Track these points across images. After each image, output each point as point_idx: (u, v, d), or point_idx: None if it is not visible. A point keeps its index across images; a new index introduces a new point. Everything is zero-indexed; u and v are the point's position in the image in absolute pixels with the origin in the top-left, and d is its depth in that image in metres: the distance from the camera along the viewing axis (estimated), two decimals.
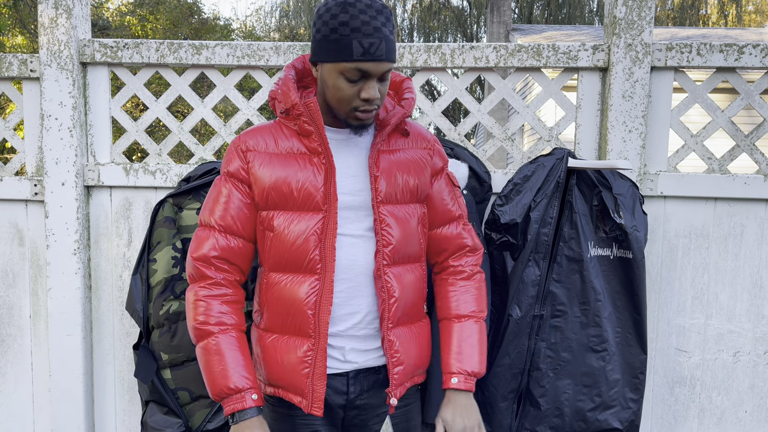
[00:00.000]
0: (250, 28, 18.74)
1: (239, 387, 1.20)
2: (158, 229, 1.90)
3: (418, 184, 1.32)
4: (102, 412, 2.22)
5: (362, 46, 1.13)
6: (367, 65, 1.14)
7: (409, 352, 1.33)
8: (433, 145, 1.37)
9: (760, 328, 2.02)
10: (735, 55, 1.97)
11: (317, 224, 1.24)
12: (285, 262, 1.27)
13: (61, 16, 2.07)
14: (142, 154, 11.35)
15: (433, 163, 1.36)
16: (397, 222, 1.28)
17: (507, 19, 11.58)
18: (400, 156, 1.30)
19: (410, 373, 1.35)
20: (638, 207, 1.82)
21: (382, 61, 1.14)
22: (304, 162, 1.25)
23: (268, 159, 1.26)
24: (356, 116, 1.20)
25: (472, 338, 1.34)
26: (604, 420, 1.80)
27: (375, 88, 1.17)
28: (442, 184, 1.38)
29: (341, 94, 1.18)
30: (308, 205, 1.24)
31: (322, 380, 1.26)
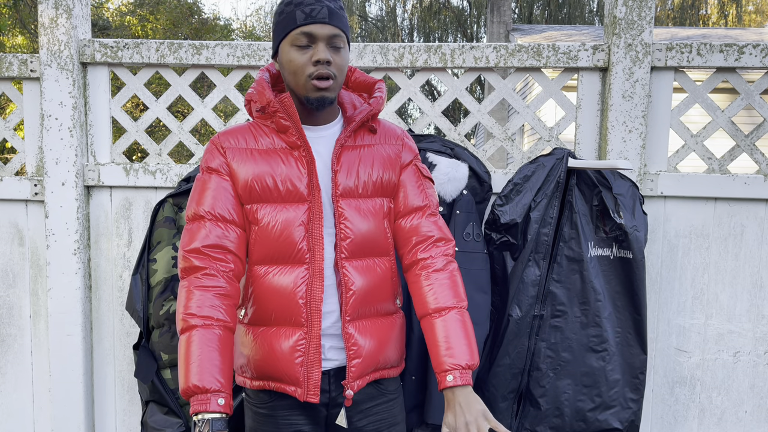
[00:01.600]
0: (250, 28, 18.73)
1: (206, 387, 1.15)
2: (158, 229, 1.90)
3: (384, 178, 1.33)
4: (102, 412, 2.22)
5: (304, 12, 1.22)
6: (311, 27, 1.21)
7: (371, 345, 1.32)
8: (403, 140, 1.39)
9: (760, 328, 2.02)
10: (735, 55, 1.97)
11: (303, 215, 1.27)
12: (272, 253, 1.28)
13: (61, 16, 2.07)
14: (142, 154, 11.35)
15: (402, 158, 1.38)
16: (358, 215, 1.30)
17: (507, 19, 11.57)
18: (365, 151, 1.33)
19: (371, 366, 1.32)
20: (638, 207, 1.82)
21: (325, 23, 1.21)
22: (286, 156, 1.28)
23: (248, 154, 1.29)
24: (313, 85, 1.22)
25: (458, 330, 1.28)
26: (604, 420, 1.80)
27: (325, 51, 1.21)
28: (408, 175, 1.38)
29: (295, 65, 1.23)
30: (293, 196, 1.27)
31: (317, 367, 1.27)
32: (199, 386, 1.15)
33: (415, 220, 1.36)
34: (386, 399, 1.38)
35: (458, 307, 1.31)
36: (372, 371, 1.34)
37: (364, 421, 1.35)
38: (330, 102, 1.26)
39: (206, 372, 1.16)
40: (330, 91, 1.24)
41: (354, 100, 1.39)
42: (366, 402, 1.35)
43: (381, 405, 1.37)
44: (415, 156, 1.40)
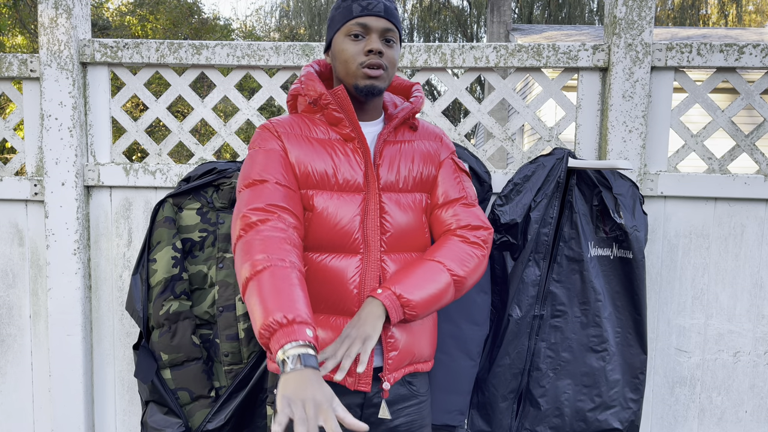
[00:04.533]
0: (250, 28, 18.74)
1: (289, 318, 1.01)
2: (158, 229, 1.90)
3: (423, 173, 1.36)
4: (102, 412, 2.22)
5: (360, 5, 1.26)
6: (366, 19, 1.25)
7: (406, 338, 1.32)
8: (441, 137, 1.43)
9: (760, 328, 2.02)
10: (735, 55, 1.97)
11: (359, 205, 1.28)
12: (327, 241, 1.27)
13: (61, 16, 2.07)
14: (142, 154, 11.35)
15: (440, 154, 1.41)
16: (398, 209, 1.31)
17: (507, 19, 11.57)
18: (406, 147, 1.35)
19: (405, 359, 1.33)
20: (638, 207, 1.82)
21: (380, 16, 1.25)
22: (342, 147, 1.30)
23: (305, 140, 1.29)
24: (364, 72, 1.25)
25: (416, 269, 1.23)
26: (604, 420, 1.80)
27: (377, 41, 1.25)
28: (446, 169, 1.40)
29: (348, 54, 1.26)
30: (350, 186, 1.28)
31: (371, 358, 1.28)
32: (278, 320, 1.01)
33: (452, 210, 1.36)
34: (418, 401, 1.39)
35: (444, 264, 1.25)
36: (407, 364, 1.34)
37: (396, 422, 1.36)
38: (379, 92, 1.28)
39: (286, 304, 1.03)
40: (380, 80, 1.26)
41: (395, 99, 1.44)
42: (399, 402, 1.36)
43: (413, 406, 1.38)
44: (452, 152, 1.42)
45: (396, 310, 1.19)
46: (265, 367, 1.87)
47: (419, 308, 1.21)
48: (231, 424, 1.87)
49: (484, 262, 1.32)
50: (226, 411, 1.87)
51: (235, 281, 1.88)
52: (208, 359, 1.94)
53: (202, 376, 1.90)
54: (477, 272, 1.31)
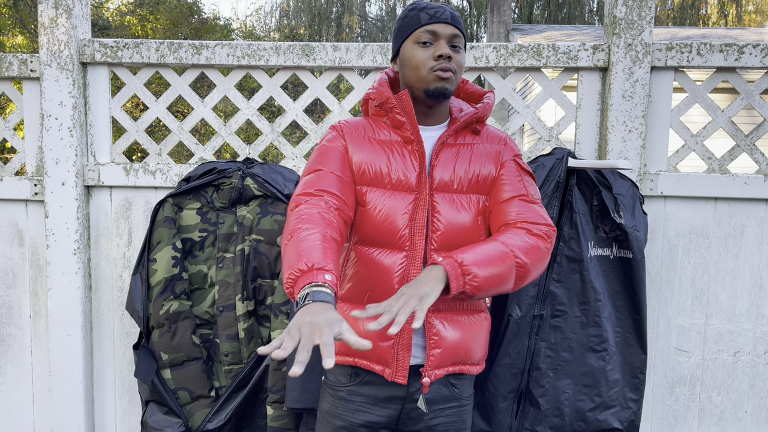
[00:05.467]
0: (250, 28, 18.74)
1: (309, 265, 1.07)
2: (158, 229, 1.90)
3: (481, 174, 1.36)
4: (102, 412, 2.22)
5: (428, 14, 1.31)
6: (435, 26, 1.30)
7: (453, 338, 1.33)
8: (505, 141, 1.42)
9: (760, 328, 2.02)
10: (735, 55, 1.97)
11: (409, 204, 1.32)
12: (374, 236, 1.33)
13: (61, 16, 2.07)
14: (142, 154, 11.35)
15: (503, 156, 1.40)
16: (451, 209, 1.32)
17: (507, 19, 11.57)
18: (465, 149, 1.37)
19: (450, 359, 1.34)
20: (638, 207, 1.82)
21: (447, 23, 1.31)
22: (401, 149, 1.35)
23: (366, 140, 1.37)
24: (436, 76, 1.29)
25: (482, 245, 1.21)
26: (604, 420, 1.80)
27: (446, 47, 1.30)
28: (508, 169, 1.38)
29: (417, 60, 1.31)
30: (402, 186, 1.32)
31: (407, 351, 1.31)
32: (300, 267, 1.08)
33: (513, 204, 1.33)
34: (459, 404, 1.39)
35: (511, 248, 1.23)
36: (451, 364, 1.35)
37: (435, 421, 1.36)
38: (448, 95, 1.32)
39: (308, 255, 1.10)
40: (449, 82, 1.31)
41: (462, 105, 1.45)
42: (440, 402, 1.37)
43: (453, 408, 1.38)
44: (516, 155, 1.41)
45: (457, 279, 1.15)
46: (265, 367, 1.87)
47: (482, 282, 1.16)
48: (231, 424, 1.87)
49: (547, 256, 1.29)
50: (226, 411, 1.87)
51: (235, 281, 1.88)
52: (208, 359, 1.94)
53: (202, 375, 1.90)
54: (540, 264, 1.27)
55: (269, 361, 1.83)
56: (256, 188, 1.90)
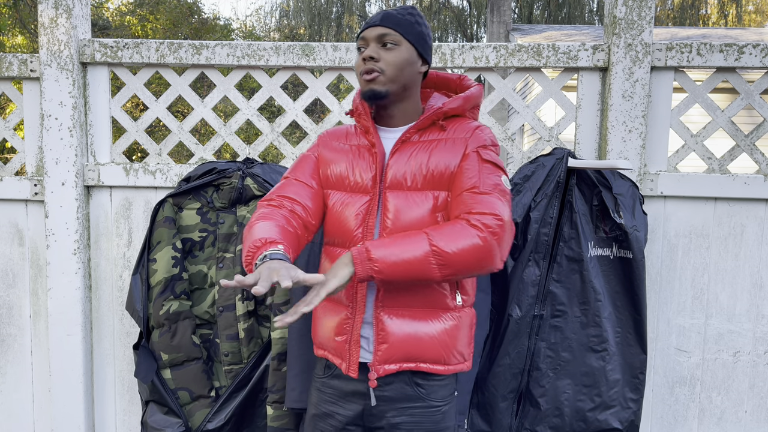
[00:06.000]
0: (250, 28, 18.74)
1: (263, 238, 1.22)
2: (158, 229, 1.90)
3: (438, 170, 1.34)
4: (102, 412, 2.22)
5: (365, 22, 1.38)
6: (364, 32, 1.37)
7: (400, 333, 1.33)
8: (473, 132, 1.37)
9: (760, 328, 2.02)
10: (735, 55, 1.97)
11: (363, 205, 1.36)
12: (335, 236, 1.40)
13: (61, 16, 2.07)
14: (142, 154, 11.35)
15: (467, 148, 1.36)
16: (403, 207, 1.33)
17: (507, 19, 11.57)
18: (424, 146, 1.37)
19: (398, 355, 1.33)
20: (638, 207, 1.82)
21: (375, 26, 1.35)
22: (363, 152, 1.40)
23: (336, 148, 1.45)
24: (363, 80, 1.35)
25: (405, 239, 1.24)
26: (604, 420, 1.80)
27: (371, 48, 1.34)
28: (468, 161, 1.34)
29: (356, 67, 1.38)
30: (359, 188, 1.38)
31: (356, 346, 1.35)
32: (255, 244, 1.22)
33: (462, 197, 1.30)
34: (427, 405, 1.36)
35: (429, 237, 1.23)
36: (403, 360, 1.34)
37: (398, 419, 1.36)
38: (380, 95, 1.34)
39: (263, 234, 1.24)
40: (377, 83, 1.34)
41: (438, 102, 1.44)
42: (403, 401, 1.36)
43: (419, 409, 1.36)
44: (482, 145, 1.35)
45: (363, 263, 1.21)
46: (265, 367, 1.87)
47: (384, 266, 1.21)
48: (231, 424, 1.87)
49: (482, 246, 1.22)
50: (226, 411, 1.87)
51: None
52: (208, 359, 1.94)
53: (202, 375, 1.90)
54: (468, 253, 1.22)
55: (269, 361, 1.83)
56: (256, 188, 1.90)
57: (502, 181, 1.32)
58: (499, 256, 1.25)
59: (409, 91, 1.39)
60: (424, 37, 1.39)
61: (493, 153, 1.36)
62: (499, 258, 1.26)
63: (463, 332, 1.39)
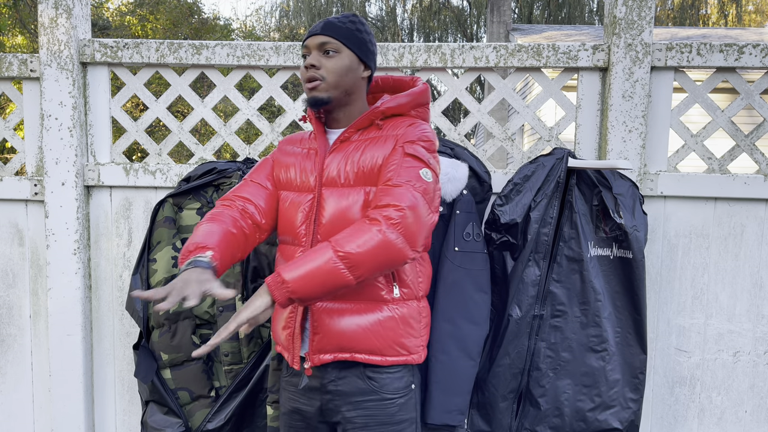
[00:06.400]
0: (250, 28, 18.74)
1: (200, 244, 1.30)
2: (158, 229, 1.90)
3: (367, 166, 1.38)
4: (102, 412, 2.22)
5: (308, 31, 1.44)
6: (307, 41, 1.43)
7: (335, 324, 1.37)
8: (405, 128, 1.40)
9: (760, 328, 2.02)
10: (735, 55, 1.97)
11: (307, 203, 1.42)
12: (285, 234, 1.46)
13: (61, 16, 2.07)
14: (142, 154, 11.35)
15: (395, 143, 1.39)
16: (335, 203, 1.39)
17: (507, 19, 11.57)
18: (358, 144, 1.42)
19: (331, 345, 1.38)
20: (638, 207, 1.82)
21: (316, 35, 1.40)
22: (311, 154, 1.48)
23: (289, 151, 1.52)
24: (306, 88, 1.41)
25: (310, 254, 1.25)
26: (604, 420, 1.80)
27: (313, 56, 1.41)
28: (391, 157, 1.37)
29: (300, 76, 1.44)
30: (304, 187, 1.44)
31: (298, 339, 1.41)
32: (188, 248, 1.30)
33: (377, 194, 1.33)
34: (380, 397, 1.40)
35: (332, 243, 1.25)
36: (337, 350, 1.39)
37: (353, 413, 1.40)
38: (322, 102, 1.40)
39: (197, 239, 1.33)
40: (319, 91, 1.40)
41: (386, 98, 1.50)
42: (356, 395, 1.40)
43: (373, 402, 1.40)
44: (409, 141, 1.37)
45: (278, 289, 1.23)
46: (265, 367, 1.87)
47: (297, 285, 1.22)
48: (231, 424, 1.87)
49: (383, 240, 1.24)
50: (226, 411, 1.87)
51: (235, 281, 1.89)
52: (208, 359, 1.94)
53: (202, 376, 1.90)
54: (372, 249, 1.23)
55: (269, 361, 1.83)
56: None
57: (420, 173, 1.33)
58: (406, 245, 1.26)
59: (353, 96, 1.45)
60: (365, 43, 1.44)
61: (419, 147, 1.37)
62: (409, 248, 1.27)
63: (403, 324, 1.41)
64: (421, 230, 1.29)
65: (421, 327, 1.46)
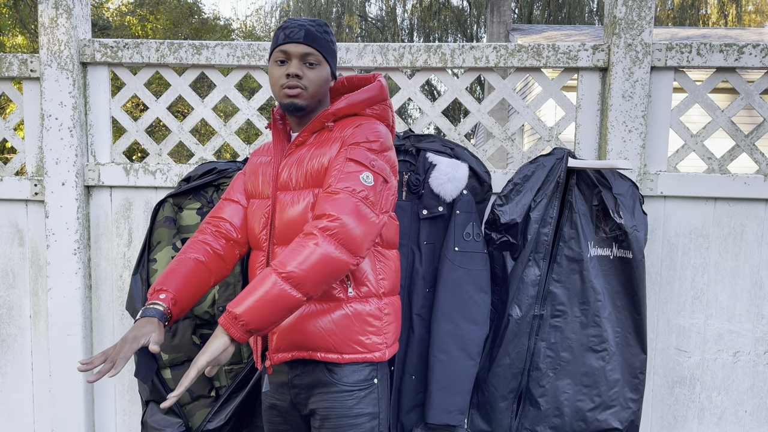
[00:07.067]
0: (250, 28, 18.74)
1: (157, 288, 1.37)
2: (158, 229, 1.90)
3: (314, 169, 1.39)
4: (102, 412, 2.22)
5: (285, 34, 1.43)
6: (287, 46, 1.41)
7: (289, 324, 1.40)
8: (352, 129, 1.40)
9: (760, 328, 2.02)
10: (735, 55, 1.97)
11: (267, 208, 1.45)
12: (251, 240, 1.50)
13: (61, 16, 2.07)
14: (142, 154, 11.35)
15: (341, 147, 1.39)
16: (287, 206, 1.41)
17: (507, 19, 11.57)
18: (309, 147, 1.43)
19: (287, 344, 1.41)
20: (638, 207, 1.82)
21: (299, 43, 1.41)
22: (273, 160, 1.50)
23: (256, 163, 1.54)
24: (285, 93, 1.41)
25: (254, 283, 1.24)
26: (604, 420, 1.80)
27: (296, 65, 1.41)
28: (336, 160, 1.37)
29: (274, 78, 1.44)
30: (265, 193, 1.48)
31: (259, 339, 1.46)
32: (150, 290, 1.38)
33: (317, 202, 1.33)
34: (339, 389, 1.41)
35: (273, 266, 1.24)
36: (293, 348, 1.42)
37: (316, 405, 1.43)
38: (300, 108, 1.43)
39: (161, 280, 1.40)
40: (299, 98, 1.42)
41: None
42: (317, 387, 1.43)
43: (333, 394, 1.41)
44: (354, 143, 1.36)
45: (233, 327, 1.22)
46: None
47: (249, 317, 1.21)
48: (231, 424, 1.87)
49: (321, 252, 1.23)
50: (226, 411, 1.87)
51: (236, 281, 1.89)
52: None
53: (202, 375, 1.90)
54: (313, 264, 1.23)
55: None
56: None
57: (361, 178, 1.32)
58: (346, 253, 1.26)
59: (321, 102, 1.48)
60: (335, 53, 1.50)
61: (362, 150, 1.35)
62: (351, 254, 1.26)
63: (359, 322, 1.41)
64: (364, 235, 1.28)
65: (382, 324, 1.44)
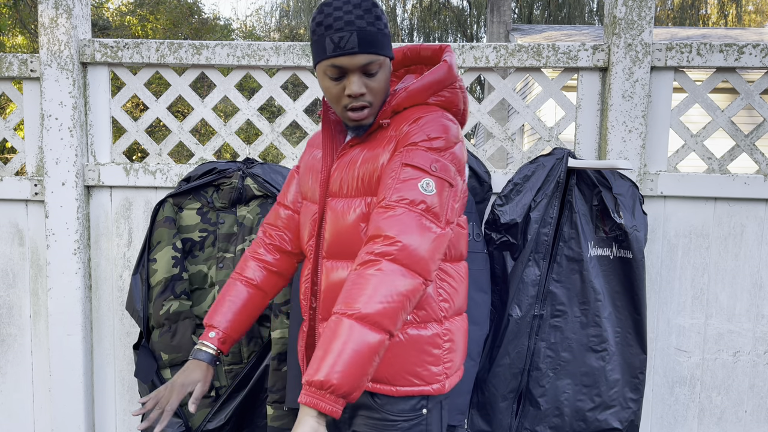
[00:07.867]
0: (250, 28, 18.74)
1: (207, 323, 1.37)
2: (158, 229, 1.90)
3: (367, 174, 1.21)
4: (102, 412, 2.22)
5: (333, 42, 1.15)
6: (340, 60, 1.16)
7: None
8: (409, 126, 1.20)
9: (760, 328, 2.02)
10: (735, 55, 1.97)
11: (315, 215, 1.31)
12: (301, 246, 1.41)
13: (61, 16, 2.07)
14: (142, 154, 11.35)
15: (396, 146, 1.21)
16: (337, 216, 1.24)
17: (507, 19, 11.57)
18: (361, 149, 1.25)
19: None
20: (638, 207, 1.82)
21: (355, 54, 1.15)
22: None
23: (310, 155, 1.39)
24: (348, 116, 1.21)
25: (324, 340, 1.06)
26: (604, 420, 1.80)
27: (356, 83, 1.17)
28: (390, 165, 1.18)
29: (330, 95, 1.21)
30: (314, 197, 1.33)
31: (311, 350, 1.35)
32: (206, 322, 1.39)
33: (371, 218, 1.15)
34: (381, 416, 1.26)
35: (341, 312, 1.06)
36: None
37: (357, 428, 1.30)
38: (367, 126, 1.24)
39: (217, 312, 1.39)
40: (366, 118, 1.21)
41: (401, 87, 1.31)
42: (361, 408, 1.29)
43: (374, 420, 1.27)
44: (412, 143, 1.17)
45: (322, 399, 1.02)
46: (265, 367, 1.87)
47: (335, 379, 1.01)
48: (231, 424, 1.87)
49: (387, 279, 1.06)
50: (226, 411, 1.87)
51: None
52: None
53: None
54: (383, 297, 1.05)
55: (269, 361, 1.83)
56: (257, 188, 1.90)
57: (419, 187, 1.12)
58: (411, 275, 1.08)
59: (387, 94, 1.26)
60: (390, 37, 1.22)
61: (420, 151, 1.15)
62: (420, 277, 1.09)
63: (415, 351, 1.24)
64: (430, 254, 1.10)
65: (442, 353, 1.27)
